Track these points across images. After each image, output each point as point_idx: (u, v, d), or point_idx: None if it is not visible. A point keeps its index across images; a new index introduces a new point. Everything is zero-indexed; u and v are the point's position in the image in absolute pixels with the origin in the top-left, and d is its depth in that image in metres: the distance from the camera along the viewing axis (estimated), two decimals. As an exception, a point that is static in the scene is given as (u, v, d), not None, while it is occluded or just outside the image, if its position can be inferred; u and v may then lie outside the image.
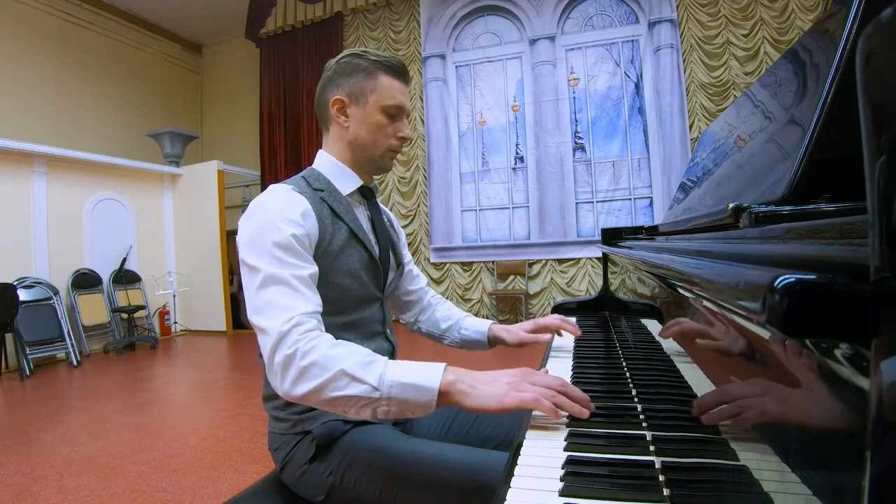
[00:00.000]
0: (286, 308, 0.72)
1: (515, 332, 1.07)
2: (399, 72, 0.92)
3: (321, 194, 0.89)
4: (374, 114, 0.90)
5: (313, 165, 0.95)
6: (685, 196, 1.21)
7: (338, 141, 0.94)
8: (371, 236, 0.95)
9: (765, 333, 0.35)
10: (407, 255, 1.13)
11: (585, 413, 0.65)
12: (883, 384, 0.19)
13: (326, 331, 0.75)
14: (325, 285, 0.81)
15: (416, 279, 1.16)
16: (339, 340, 0.73)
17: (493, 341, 1.10)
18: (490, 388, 0.68)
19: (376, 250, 0.94)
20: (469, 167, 5.78)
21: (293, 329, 0.70)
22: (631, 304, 1.16)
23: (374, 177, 1.01)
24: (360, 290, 0.90)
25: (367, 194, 0.98)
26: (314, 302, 0.76)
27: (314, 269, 0.79)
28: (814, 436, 0.29)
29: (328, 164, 0.94)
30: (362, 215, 0.96)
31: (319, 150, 0.97)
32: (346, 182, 0.93)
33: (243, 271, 0.78)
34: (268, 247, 0.76)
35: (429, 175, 5.91)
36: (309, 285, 0.77)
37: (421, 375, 0.68)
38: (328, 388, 0.67)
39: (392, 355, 0.95)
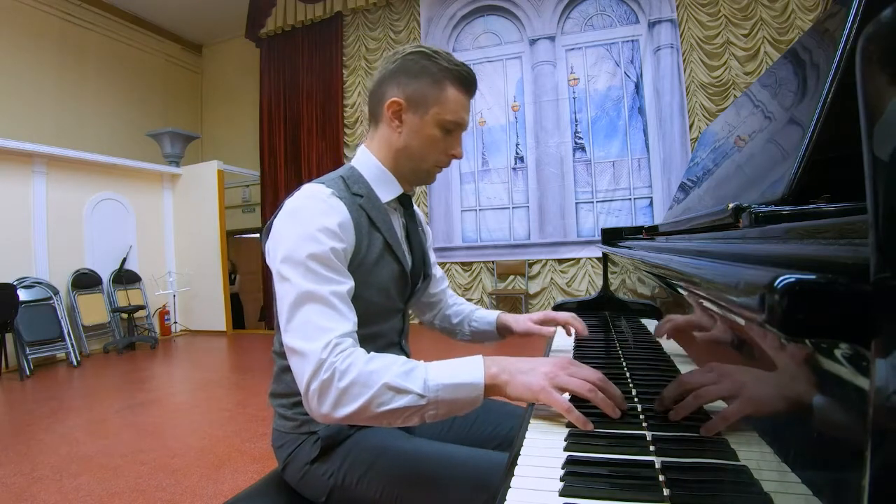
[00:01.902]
0: (324, 329, 0.69)
1: (523, 321, 1.07)
2: (469, 85, 0.85)
3: (360, 200, 0.83)
4: (431, 127, 0.83)
5: (353, 163, 0.89)
6: (685, 196, 1.21)
7: (385, 144, 0.87)
8: (405, 246, 0.90)
9: (764, 333, 0.35)
10: (432, 256, 1.09)
11: (618, 413, 0.63)
12: (883, 384, 0.19)
13: None
14: (352, 298, 0.77)
15: (440, 281, 1.13)
16: (372, 353, 0.70)
17: (503, 330, 1.10)
18: (527, 377, 0.66)
19: (409, 263, 0.90)
20: (469, 167, 5.78)
21: (330, 354, 0.68)
22: (631, 304, 1.16)
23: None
24: (385, 303, 0.86)
25: (404, 201, 0.92)
26: (351, 320, 0.73)
27: (351, 283, 0.76)
28: (814, 436, 0.29)
29: (370, 166, 0.88)
30: (398, 224, 0.91)
31: (361, 147, 0.90)
32: (387, 189, 0.88)
33: (276, 278, 0.74)
34: (304, 259, 0.72)
35: (429, 175, 5.91)
36: (346, 301, 0.73)
37: (464, 373, 0.67)
38: (373, 404, 0.65)
39: None
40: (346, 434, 0.83)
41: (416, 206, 1.01)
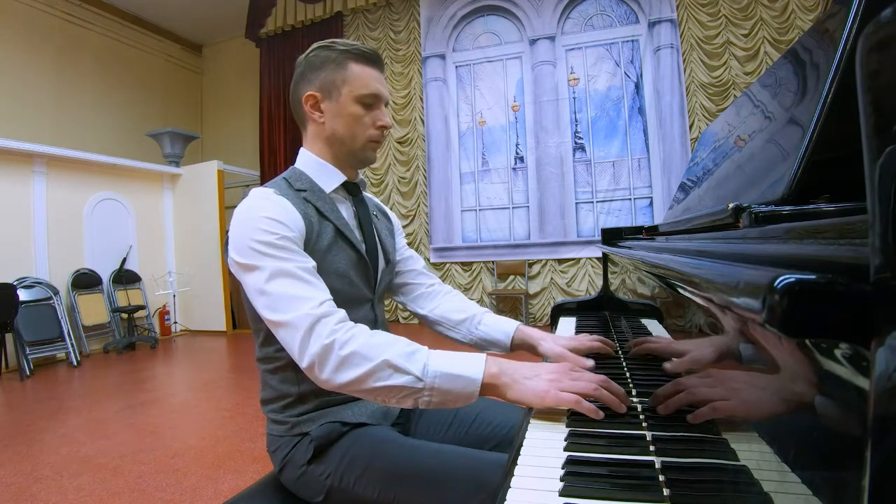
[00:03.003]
0: (307, 298, 0.71)
1: (551, 343, 0.92)
2: (370, 58, 0.89)
3: (304, 194, 0.86)
4: (349, 105, 0.87)
5: (295, 164, 0.93)
6: (685, 196, 1.21)
7: (316, 138, 0.91)
8: (357, 233, 0.92)
9: (763, 333, 0.35)
10: (400, 241, 1.09)
11: (623, 408, 0.65)
12: (883, 384, 0.19)
13: None
14: None
15: (409, 261, 1.09)
16: (375, 330, 0.72)
17: (519, 346, 0.98)
18: (532, 382, 0.68)
19: (363, 247, 0.91)
20: (469, 167, 5.78)
21: (324, 318, 0.69)
22: (631, 304, 1.15)
23: (361, 171, 0.97)
24: (349, 291, 0.87)
25: (352, 190, 0.95)
26: (326, 290, 0.75)
27: (313, 262, 0.79)
28: (814, 436, 0.29)
29: (310, 162, 0.92)
30: (348, 212, 0.93)
31: (301, 149, 0.94)
32: (329, 179, 0.91)
33: (241, 274, 0.76)
34: (261, 248, 0.74)
35: (429, 175, 5.91)
36: (316, 276, 0.76)
37: (464, 366, 0.68)
38: (371, 378, 0.67)
39: None
40: (340, 432, 0.83)
41: (369, 194, 1.03)
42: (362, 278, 0.90)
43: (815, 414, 0.28)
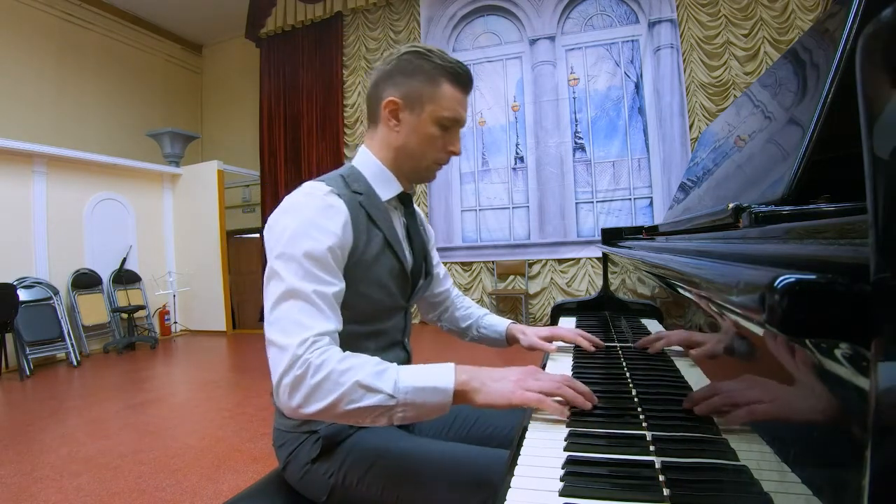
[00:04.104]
0: (303, 326, 0.69)
1: (530, 335, 1.08)
2: (464, 81, 0.86)
3: (359, 198, 0.83)
4: (428, 125, 0.84)
5: (353, 163, 0.90)
6: (685, 196, 1.21)
7: (384, 144, 0.88)
8: (405, 244, 0.91)
9: (764, 333, 0.35)
10: (436, 256, 1.10)
11: (588, 405, 0.67)
12: (883, 384, 0.19)
13: (347, 340, 0.74)
14: (353, 295, 0.78)
15: (444, 280, 1.14)
16: (346, 353, 0.71)
17: (511, 340, 1.12)
18: (499, 384, 0.69)
19: (409, 260, 0.90)
20: (469, 167, 5.78)
21: (306, 351, 0.68)
22: (631, 304, 1.16)
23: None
24: (387, 301, 0.86)
25: (404, 200, 0.93)
26: (334, 321, 0.73)
27: (341, 286, 0.76)
28: (814, 436, 0.29)
29: (370, 165, 0.89)
30: (398, 222, 0.92)
31: (361, 147, 0.91)
32: (387, 188, 0.88)
33: (268, 272, 0.75)
34: (298, 255, 0.72)
35: (429, 175, 5.91)
36: (331, 304, 0.73)
37: (434, 377, 0.68)
38: (344, 402, 0.66)
39: (408, 364, 0.93)
40: (347, 433, 0.83)
41: (416, 206, 1.02)
42: (401, 289, 0.89)
43: (815, 414, 0.28)
